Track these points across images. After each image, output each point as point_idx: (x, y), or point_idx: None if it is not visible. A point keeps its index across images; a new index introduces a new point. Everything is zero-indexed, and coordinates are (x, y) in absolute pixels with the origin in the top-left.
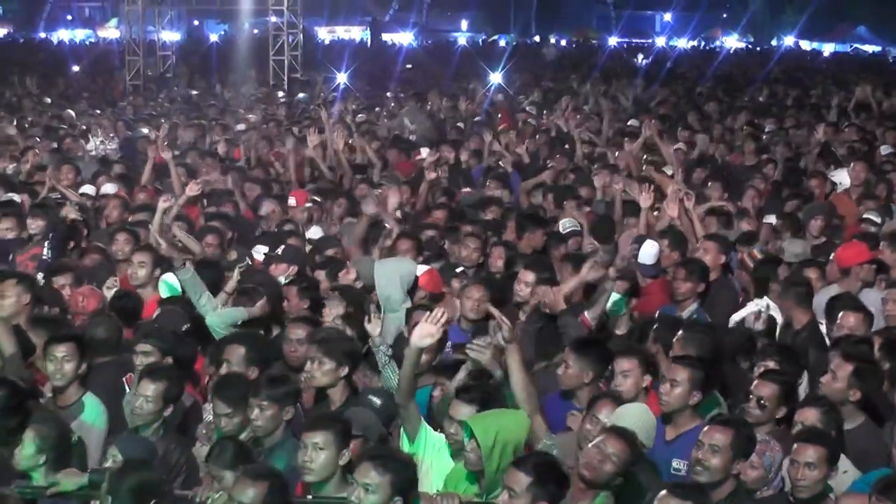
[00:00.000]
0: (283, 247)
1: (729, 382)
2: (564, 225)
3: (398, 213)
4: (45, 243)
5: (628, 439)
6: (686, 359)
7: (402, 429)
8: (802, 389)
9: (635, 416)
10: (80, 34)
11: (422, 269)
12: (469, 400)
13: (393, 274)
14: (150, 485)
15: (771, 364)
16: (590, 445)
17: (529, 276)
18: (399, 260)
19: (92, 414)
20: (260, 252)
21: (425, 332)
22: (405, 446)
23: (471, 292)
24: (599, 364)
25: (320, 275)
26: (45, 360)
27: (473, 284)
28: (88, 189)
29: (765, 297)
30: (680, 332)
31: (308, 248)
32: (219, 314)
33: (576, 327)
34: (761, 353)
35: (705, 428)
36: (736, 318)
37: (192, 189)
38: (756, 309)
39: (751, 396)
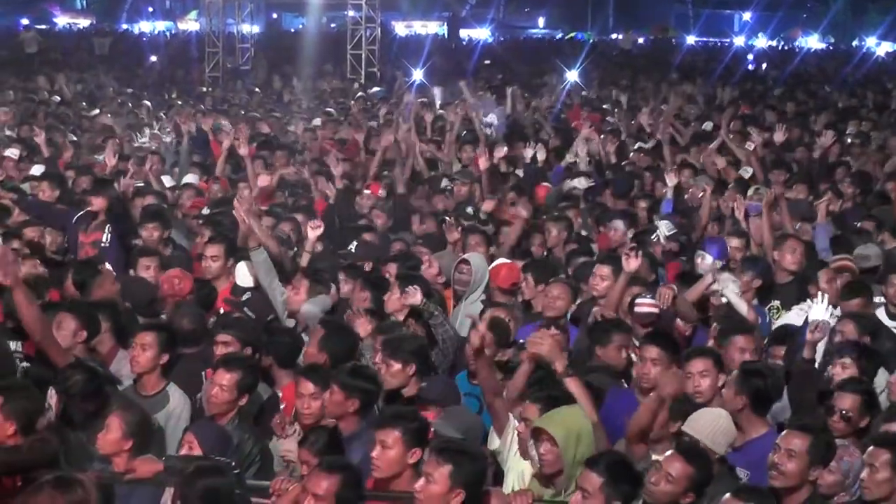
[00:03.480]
0: (354, 244)
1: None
2: (661, 227)
3: (470, 209)
4: (107, 227)
5: (692, 458)
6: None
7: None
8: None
9: (708, 422)
10: (160, 26)
11: (499, 262)
12: (535, 399)
13: (486, 271)
14: (220, 490)
15: (847, 361)
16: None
17: (605, 271)
18: (475, 255)
19: (178, 408)
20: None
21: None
22: (493, 442)
23: (550, 290)
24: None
25: (391, 268)
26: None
27: (555, 283)
28: (165, 180)
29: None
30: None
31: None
32: (313, 301)
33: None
34: (838, 350)
35: (783, 433)
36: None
37: (264, 181)
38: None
39: (834, 410)
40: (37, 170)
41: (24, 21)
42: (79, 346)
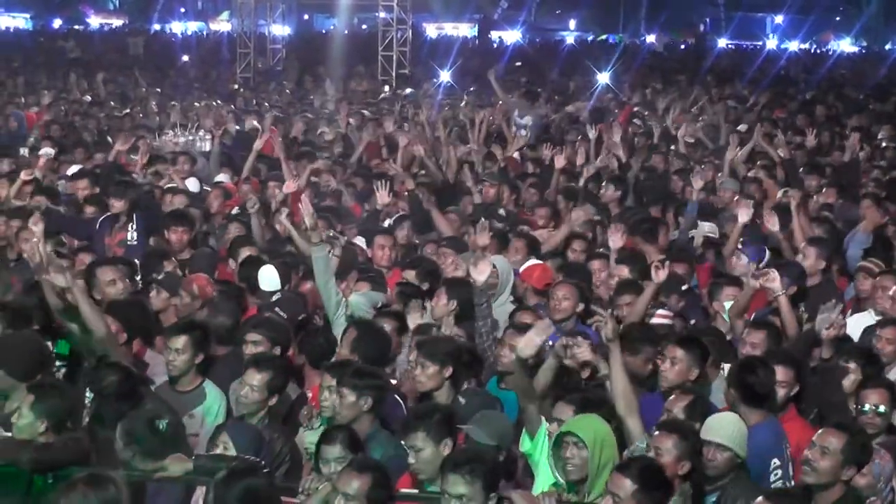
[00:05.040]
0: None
1: (807, 386)
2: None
3: (502, 211)
4: (130, 226)
5: (680, 432)
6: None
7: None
8: None
9: (724, 427)
10: (192, 26)
11: (531, 262)
12: (570, 401)
13: (510, 270)
14: (256, 492)
15: (852, 366)
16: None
17: (623, 272)
18: (499, 258)
19: (214, 404)
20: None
21: (529, 343)
22: (525, 444)
23: (555, 291)
24: (703, 360)
25: (409, 274)
26: (165, 349)
27: (560, 284)
28: (192, 182)
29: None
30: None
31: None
32: (363, 294)
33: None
34: (841, 353)
35: (820, 431)
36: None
37: (290, 187)
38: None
39: (865, 406)
40: (72, 169)
41: (58, 21)
42: None
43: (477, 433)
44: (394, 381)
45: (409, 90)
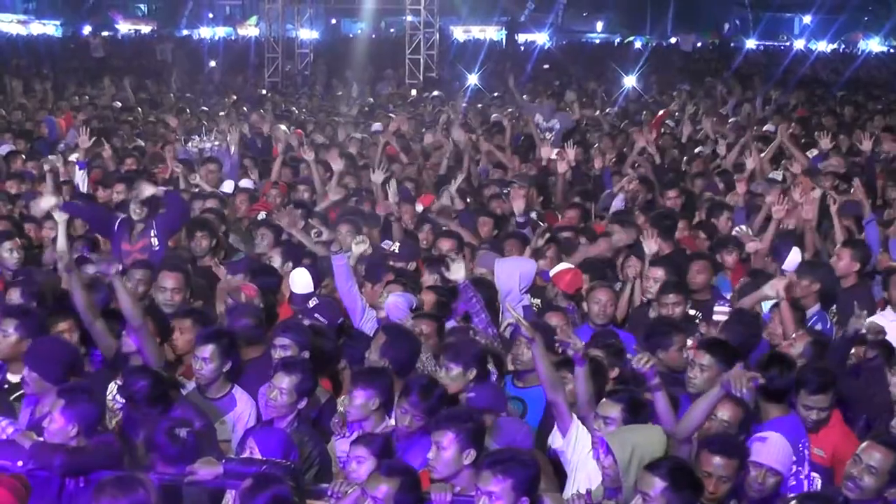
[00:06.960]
0: (398, 244)
1: (848, 394)
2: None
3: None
4: (151, 232)
5: (731, 452)
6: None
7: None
8: None
9: (777, 450)
10: (220, 32)
11: (562, 266)
12: (617, 399)
13: (513, 272)
14: (284, 500)
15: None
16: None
17: (658, 273)
18: (519, 259)
19: (244, 411)
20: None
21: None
22: (557, 442)
23: (597, 296)
24: (731, 363)
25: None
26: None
27: (600, 288)
28: (228, 186)
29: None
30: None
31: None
32: (401, 295)
33: None
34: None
35: (864, 444)
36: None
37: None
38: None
39: None
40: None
41: (88, 28)
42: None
43: (489, 442)
44: None
45: (436, 93)
